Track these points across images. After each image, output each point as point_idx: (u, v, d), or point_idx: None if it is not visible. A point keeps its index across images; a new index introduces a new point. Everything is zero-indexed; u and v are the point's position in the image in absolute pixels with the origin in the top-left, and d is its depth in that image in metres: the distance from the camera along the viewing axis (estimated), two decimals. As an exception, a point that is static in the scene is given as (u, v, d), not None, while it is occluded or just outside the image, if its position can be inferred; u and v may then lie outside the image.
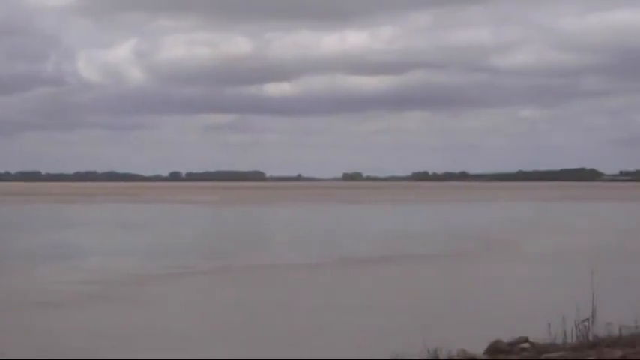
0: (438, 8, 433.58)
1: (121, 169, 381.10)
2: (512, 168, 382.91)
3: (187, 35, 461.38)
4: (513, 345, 16.82)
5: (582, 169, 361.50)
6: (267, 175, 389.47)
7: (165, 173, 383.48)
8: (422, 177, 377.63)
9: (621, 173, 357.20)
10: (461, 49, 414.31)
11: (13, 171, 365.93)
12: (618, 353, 13.56)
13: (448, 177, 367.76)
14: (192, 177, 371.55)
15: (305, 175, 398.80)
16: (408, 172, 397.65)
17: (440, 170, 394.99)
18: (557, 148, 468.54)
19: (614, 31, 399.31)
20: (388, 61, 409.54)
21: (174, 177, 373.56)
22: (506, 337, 17.55)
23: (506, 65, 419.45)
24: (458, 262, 38.95)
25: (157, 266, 36.73)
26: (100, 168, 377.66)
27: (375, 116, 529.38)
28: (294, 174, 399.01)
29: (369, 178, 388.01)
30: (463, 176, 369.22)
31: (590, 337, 16.43)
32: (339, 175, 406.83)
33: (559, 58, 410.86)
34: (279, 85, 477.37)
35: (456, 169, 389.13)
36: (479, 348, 17.32)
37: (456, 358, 15.65)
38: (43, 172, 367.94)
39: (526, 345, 16.65)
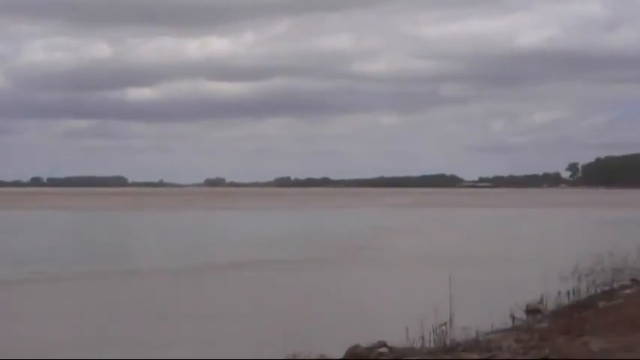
0: (299, 16, 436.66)
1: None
2: (373, 174, 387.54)
3: (48, 40, 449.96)
4: (371, 349, 17.02)
5: (443, 175, 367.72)
6: (130, 180, 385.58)
7: (26, 179, 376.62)
8: (284, 182, 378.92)
9: (480, 179, 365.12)
10: (322, 56, 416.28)
11: None
12: (473, 357, 13.82)
13: (310, 183, 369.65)
14: (53, 182, 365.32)
15: (167, 180, 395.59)
16: (271, 178, 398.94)
17: (302, 176, 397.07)
18: (418, 155, 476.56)
19: (472, 40, 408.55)
20: (250, 67, 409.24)
21: (36, 182, 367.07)
22: (365, 342, 17.73)
23: (368, 72, 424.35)
24: (319, 267, 39.06)
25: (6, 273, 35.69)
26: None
27: (237, 122, 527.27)
28: (156, 179, 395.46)
29: (232, 184, 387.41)
30: (325, 182, 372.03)
31: (448, 342, 16.74)
32: (202, 180, 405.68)
33: (419, 65, 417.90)
34: (141, 90, 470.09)
35: (317, 175, 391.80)
36: (338, 352, 17.45)
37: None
38: None
39: (384, 349, 16.87)
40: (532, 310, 23.44)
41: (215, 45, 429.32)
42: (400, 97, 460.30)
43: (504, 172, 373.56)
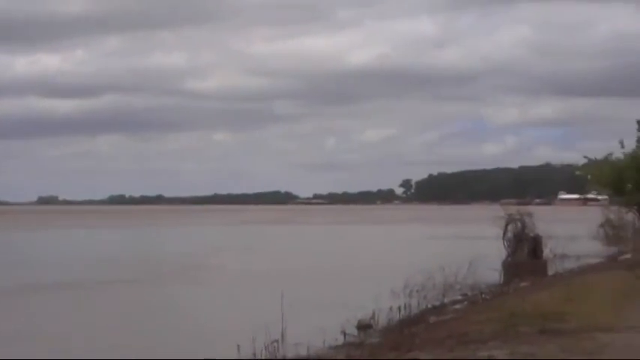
0: (130, 32, 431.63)
1: None
2: (208, 191, 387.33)
3: None
4: (203, 368, 16.89)
5: (277, 192, 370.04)
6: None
7: None
8: (118, 200, 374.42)
9: (315, 196, 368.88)
10: (154, 73, 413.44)
11: None
12: (305, 373, 13.85)
13: (145, 200, 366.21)
14: None
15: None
16: (105, 196, 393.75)
17: (136, 193, 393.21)
18: (252, 172, 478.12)
19: (304, 57, 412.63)
20: (81, 84, 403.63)
21: None
22: (198, 361, 17.59)
23: (200, 89, 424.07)
24: (150, 286, 38.55)
25: None
26: None
27: (70, 140, 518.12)
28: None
29: (65, 202, 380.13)
30: (159, 199, 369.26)
31: (279, 358, 16.74)
32: (35, 198, 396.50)
33: (252, 83, 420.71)
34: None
35: (152, 193, 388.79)
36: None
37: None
38: None
39: (216, 368, 16.75)
40: (363, 326, 23.66)
41: (45, 61, 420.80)
42: (233, 114, 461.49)
43: (339, 189, 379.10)
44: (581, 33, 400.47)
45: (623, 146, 48.67)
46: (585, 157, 50.04)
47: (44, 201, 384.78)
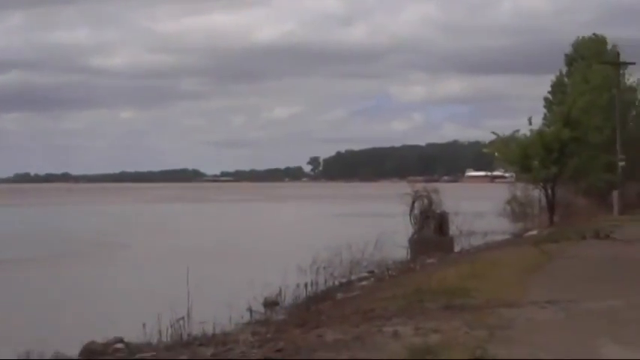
0: (31, 8, 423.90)
1: None
2: (114, 169, 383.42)
3: None
4: (107, 345, 16.68)
5: (185, 170, 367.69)
6: None
7: None
8: (24, 178, 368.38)
9: (222, 174, 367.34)
10: (58, 49, 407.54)
11: None
12: (210, 352, 13.71)
13: (50, 178, 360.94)
14: None
15: None
16: (10, 174, 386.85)
17: (42, 172, 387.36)
18: (159, 150, 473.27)
19: (211, 34, 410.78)
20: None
21: None
22: (102, 339, 17.35)
23: (106, 66, 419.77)
24: (56, 265, 38.07)
25: None
26: None
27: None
28: None
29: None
30: (66, 177, 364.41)
31: (185, 336, 16.58)
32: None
33: (158, 59, 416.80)
34: None
35: (58, 171, 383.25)
36: (74, 350, 16.98)
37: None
38: None
39: (120, 345, 16.55)
40: (270, 304, 23.65)
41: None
42: (140, 91, 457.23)
43: (246, 167, 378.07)
44: (485, 11, 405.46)
45: (530, 123, 49.45)
46: (493, 132, 50.73)
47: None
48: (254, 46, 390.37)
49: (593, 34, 66.26)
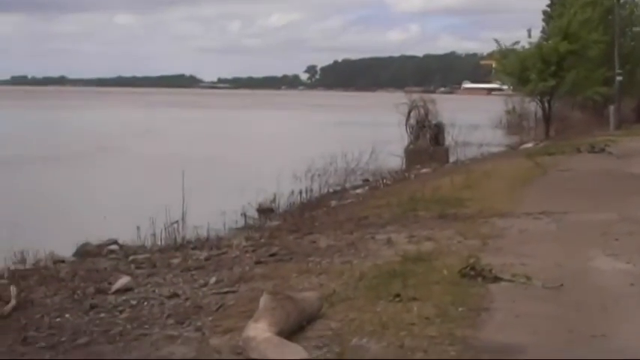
0: None
1: None
2: (111, 73, 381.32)
3: None
4: (102, 247, 16.77)
5: (182, 76, 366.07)
6: None
7: None
8: (21, 81, 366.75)
9: (219, 80, 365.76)
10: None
11: None
12: (203, 255, 13.81)
13: (47, 81, 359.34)
14: None
15: None
16: (7, 77, 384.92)
17: (39, 75, 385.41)
18: (155, 55, 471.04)
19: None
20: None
21: None
22: (97, 241, 17.43)
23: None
24: (53, 167, 38.07)
25: None
26: None
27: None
28: None
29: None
30: (62, 81, 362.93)
31: (179, 240, 16.68)
32: None
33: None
34: None
35: (54, 74, 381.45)
36: (69, 251, 17.06)
37: (44, 261, 15.37)
38: None
39: (114, 247, 16.64)
40: (264, 210, 23.71)
41: None
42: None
43: (243, 74, 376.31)
44: None
45: (530, 35, 49.22)
46: (495, 40, 50.48)
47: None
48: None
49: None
